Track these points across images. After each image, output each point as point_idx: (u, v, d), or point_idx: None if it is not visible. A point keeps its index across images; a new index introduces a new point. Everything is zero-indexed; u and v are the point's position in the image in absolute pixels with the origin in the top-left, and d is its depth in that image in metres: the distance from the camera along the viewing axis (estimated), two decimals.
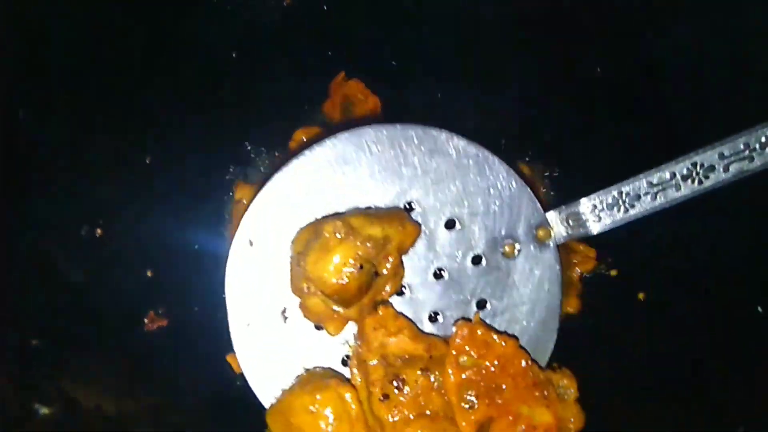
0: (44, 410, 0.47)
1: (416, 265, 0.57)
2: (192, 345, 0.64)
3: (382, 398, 0.54)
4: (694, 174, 0.54)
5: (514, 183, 0.57)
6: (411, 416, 0.55)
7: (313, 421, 0.53)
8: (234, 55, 0.83)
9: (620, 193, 0.56)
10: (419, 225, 0.57)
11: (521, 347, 0.56)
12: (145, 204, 0.70)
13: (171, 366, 0.60)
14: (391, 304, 0.57)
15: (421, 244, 0.57)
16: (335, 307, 0.55)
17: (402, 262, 0.57)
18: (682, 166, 0.54)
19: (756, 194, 0.60)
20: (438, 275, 0.58)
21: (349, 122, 0.58)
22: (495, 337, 0.55)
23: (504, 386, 0.55)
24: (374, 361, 0.55)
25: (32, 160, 0.61)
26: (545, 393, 0.55)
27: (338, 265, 0.52)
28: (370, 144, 0.56)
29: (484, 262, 0.58)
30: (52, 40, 0.64)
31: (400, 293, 0.58)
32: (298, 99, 0.84)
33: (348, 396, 0.54)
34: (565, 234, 0.58)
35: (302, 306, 0.56)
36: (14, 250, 0.57)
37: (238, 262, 0.56)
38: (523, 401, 0.54)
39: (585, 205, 0.57)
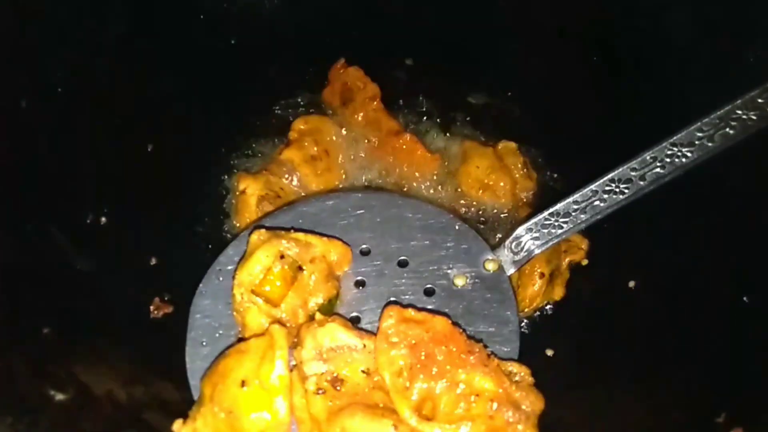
0: (59, 396, 0.48)
1: (371, 295, 0.61)
2: None
3: (318, 392, 0.53)
4: (614, 187, 0.60)
5: (457, 226, 0.64)
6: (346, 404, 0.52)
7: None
8: (233, 41, 0.83)
9: (551, 214, 0.62)
10: (347, 244, 0.61)
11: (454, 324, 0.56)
12: (147, 192, 0.70)
13: (178, 352, 0.61)
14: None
15: (374, 278, 0.61)
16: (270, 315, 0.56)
17: (337, 276, 0.61)
18: (602, 184, 0.61)
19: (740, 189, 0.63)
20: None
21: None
22: (419, 314, 0.55)
23: (439, 357, 0.54)
24: (309, 355, 0.54)
25: (38, 150, 0.62)
26: (480, 358, 0.53)
27: (259, 259, 0.56)
28: (335, 209, 0.64)
29: (437, 293, 0.61)
30: (59, 42, 0.65)
31: (356, 321, 0.59)
32: (297, 86, 0.85)
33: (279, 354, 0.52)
34: (514, 260, 0.62)
35: (243, 327, 0.58)
36: (24, 239, 0.57)
37: (207, 293, 0.60)
38: (458, 367, 0.53)
39: (522, 231, 0.63)
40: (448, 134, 0.83)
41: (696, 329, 0.58)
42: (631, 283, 0.67)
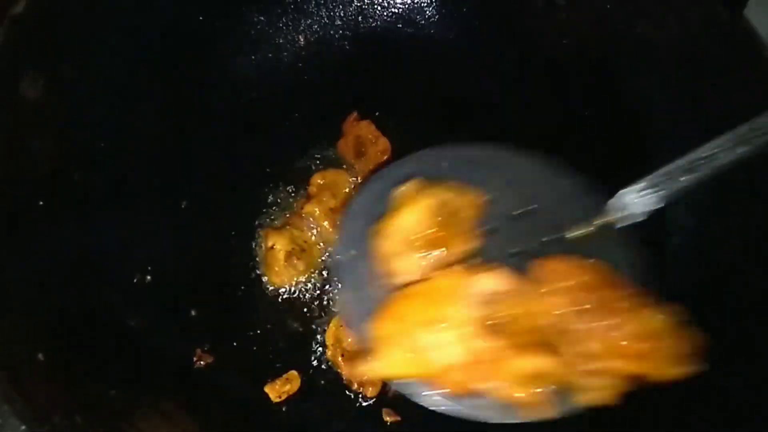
0: None
1: (501, 243, 0.64)
2: (233, 378, 0.73)
3: (485, 333, 0.56)
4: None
5: (569, 180, 0.67)
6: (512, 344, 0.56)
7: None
8: (254, 95, 0.90)
9: (656, 176, 0.62)
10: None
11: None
12: (183, 247, 0.77)
13: (223, 399, 0.69)
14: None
15: (503, 227, 0.65)
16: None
17: (477, 223, 0.63)
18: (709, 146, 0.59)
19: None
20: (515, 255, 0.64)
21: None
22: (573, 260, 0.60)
23: (601, 299, 0.57)
24: (473, 300, 0.58)
25: (95, 223, 0.69)
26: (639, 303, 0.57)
27: (412, 210, 0.60)
28: (456, 159, 0.67)
29: (554, 244, 0.64)
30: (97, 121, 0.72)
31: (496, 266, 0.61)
32: (314, 138, 0.90)
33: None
34: (622, 216, 0.64)
35: (394, 274, 0.60)
36: (87, 304, 0.65)
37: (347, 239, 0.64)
38: (616, 314, 0.56)
39: (626, 192, 0.63)
40: None
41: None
42: None
